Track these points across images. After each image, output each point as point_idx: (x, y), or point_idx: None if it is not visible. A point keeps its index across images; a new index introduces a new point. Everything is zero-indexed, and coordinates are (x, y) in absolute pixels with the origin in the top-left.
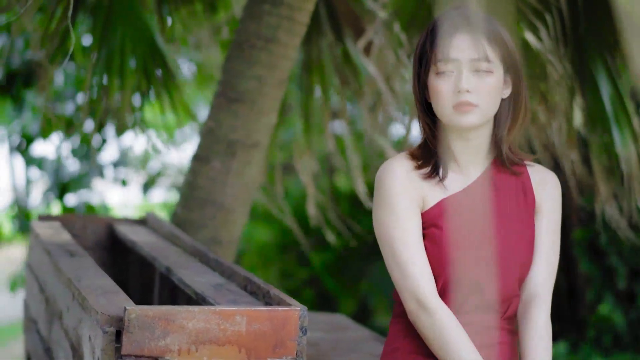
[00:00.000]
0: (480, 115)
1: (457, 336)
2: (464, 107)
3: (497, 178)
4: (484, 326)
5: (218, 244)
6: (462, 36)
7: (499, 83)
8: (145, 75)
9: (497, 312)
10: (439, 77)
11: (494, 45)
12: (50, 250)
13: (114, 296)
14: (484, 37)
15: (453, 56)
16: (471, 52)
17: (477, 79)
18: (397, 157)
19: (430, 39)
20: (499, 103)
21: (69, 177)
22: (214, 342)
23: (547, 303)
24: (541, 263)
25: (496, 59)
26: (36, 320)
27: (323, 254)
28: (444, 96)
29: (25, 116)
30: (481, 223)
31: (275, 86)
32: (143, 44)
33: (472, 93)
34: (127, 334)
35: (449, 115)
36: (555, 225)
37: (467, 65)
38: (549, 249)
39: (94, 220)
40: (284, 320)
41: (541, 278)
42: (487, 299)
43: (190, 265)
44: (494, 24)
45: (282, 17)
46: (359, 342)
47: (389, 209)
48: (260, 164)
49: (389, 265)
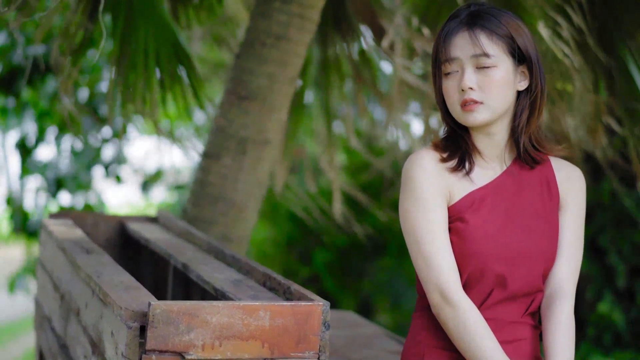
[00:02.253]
0: (488, 111)
1: (480, 330)
2: (469, 106)
3: (522, 172)
4: (508, 321)
5: (229, 241)
6: (462, 34)
7: (506, 76)
8: (169, 74)
9: (521, 307)
10: (446, 78)
11: (496, 39)
12: (66, 247)
13: (136, 292)
14: (483, 32)
15: (454, 55)
16: (470, 49)
17: (481, 75)
18: (424, 149)
19: (439, 40)
20: (510, 96)
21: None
22: (238, 337)
23: (571, 298)
24: (565, 258)
25: (499, 53)
26: (50, 317)
27: (325, 252)
28: (451, 96)
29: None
30: (507, 217)
31: (285, 83)
32: (166, 42)
33: (476, 90)
34: (152, 329)
35: (458, 114)
36: (579, 220)
37: (468, 62)
38: (573, 244)
39: (105, 218)
40: (307, 315)
41: (565, 273)
42: (511, 293)
43: (207, 262)
44: (500, 18)
45: (292, 15)
46: (371, 339)
47: (416, 200)
48: (270, 160)
49: (414, 257)
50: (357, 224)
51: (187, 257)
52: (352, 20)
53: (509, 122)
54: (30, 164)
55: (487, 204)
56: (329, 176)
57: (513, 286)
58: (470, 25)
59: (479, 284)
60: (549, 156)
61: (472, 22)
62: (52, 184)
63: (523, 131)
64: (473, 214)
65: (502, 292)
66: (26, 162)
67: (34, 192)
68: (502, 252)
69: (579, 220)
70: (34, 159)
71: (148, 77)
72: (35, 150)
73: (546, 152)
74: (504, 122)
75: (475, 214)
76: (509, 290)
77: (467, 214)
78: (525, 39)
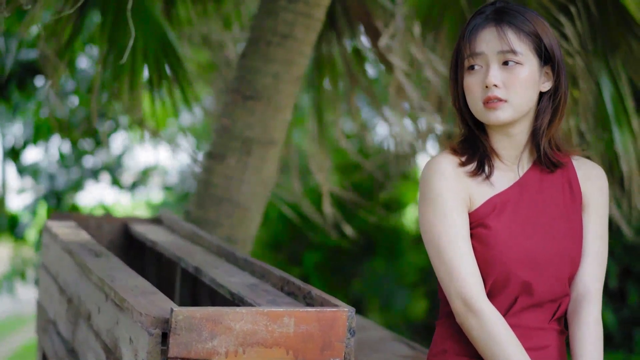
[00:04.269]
0: (511, 110)
1: (506, 339)
2: (493, 103)
3: (543, 174)
4: (534, 328)
5: (233, 243)
6: (489, 29)
7: (532, 75)
8: (157, 72)
9: (548, 313)
10: (469, 73)
11: (524, 37)
12: (73, 250)
13: (153, 297)
14: (511, 28)
15: (479, 50)
16: (496, 45)
17: (507, 72)
18: (441, 153)
19: (463, 35)
20: (534, 96)
21: (64, 186)
22: (262, 344)
23: (598, 300)
24: (591, 259)
25: (526, 51)
26: (55, 321)
27: (315, 253)
28: (473, 92)
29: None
30: (529, 221)
31: (291, 83)
32: (155, 40)
33: (501, 88)
34: (174, 336)
35: (480, 111)
36: (603, 220)
37: (494, 58)
38: (598, 244)
39: (109, 220)
40: (332, 321)
41: (592, 275)
42: (538, 300)
43: (218, 265)
44: (527, 16)
45: (298, 14)
46: (380, 343)
47: (436, 207)
48: (275, 161)
49: (436, 265)
50: (348, 225)
51: (197, 261)
52: (348, 20)
53: (529, 123)
54: (21, 166)
55: (509, 209)
56: (319, 178)
57: (539, 292)
58: (497, 21)
59: (503, 291)
60: (570, 156)
61: (499, 18)
62: (50, 193)
63: (544, 134)
64: (495, 219)
65: (528, 299)
66: (17, 164)
67: (19, 193)
68: (527, 257)
69: (602, 219)
70: (23, 161)
71: (135, 76)
72: (23, 152)
73: (566, 154)
74: (524, 124)
75: (497, 219)
76: (535, 297)
77: (489, 219)
78: (551, 38)
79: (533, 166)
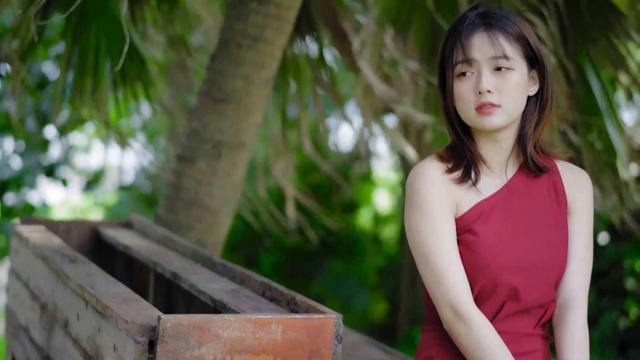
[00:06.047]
0: (504, 115)
1: (494, 345)
2: (486, 109)
3: (529, 179)
4: (521, 333)
5: (203, 247)
6: (479, 35)
7: (522, 80)
8: (121, 73)
9: (534, 319)
10: (460, 80)
11: (514, 42)
12: (47, 256)
13: (137, 304)
14: (502, 34)
15: (471, 56)
16: (489, 51)
17: (498, 78)
18: (427, 160)
19: (449, 42)
20: (524, 101)
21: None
22: (249, 351)
23: (584, 306)
24: (577, 265)
25: (517, 56)
26: (27, 327)
27: (272, 254)
28: (465, 98)
29: None
30: (516, 226)
31: (261, 85)
32: (118, 41)
33: (494, 93)
34: (162, 344)
35: (472, 117)
36: (588, 225)
37: (486, 64)
38: (583, 249)
39: (78, 224)
40: (319, 328)
41: (577, 280)
42: (525, 306)
43: (196, 271)
44: (514, 21)
45: (269, 16)
46: (353, 347)
47: (423, 214)
48: (246, 164)
49: (423, 272)
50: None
51: (174, 266)
52: (313, 21)
53: (516, 128)
54: None
55: (496, 214)
56: (281, 182)
57: (526, 299)
58: (487, 26)
59: (491, 297)
60: (555, 160)
61: (488, 23)
62: None
63: (530, 138)
64: (482, 225)
65: (515, 304)
66: None
67: None
68: (515, 263)
69: (587, 224)
70: None
71: (98, 75)
72: None
73: (552, 157)
74: (512, 129)
75: (484, 224)
76: (522, 302)
77: (476, 225)
78: (537, 42)
79: (519, 171)
